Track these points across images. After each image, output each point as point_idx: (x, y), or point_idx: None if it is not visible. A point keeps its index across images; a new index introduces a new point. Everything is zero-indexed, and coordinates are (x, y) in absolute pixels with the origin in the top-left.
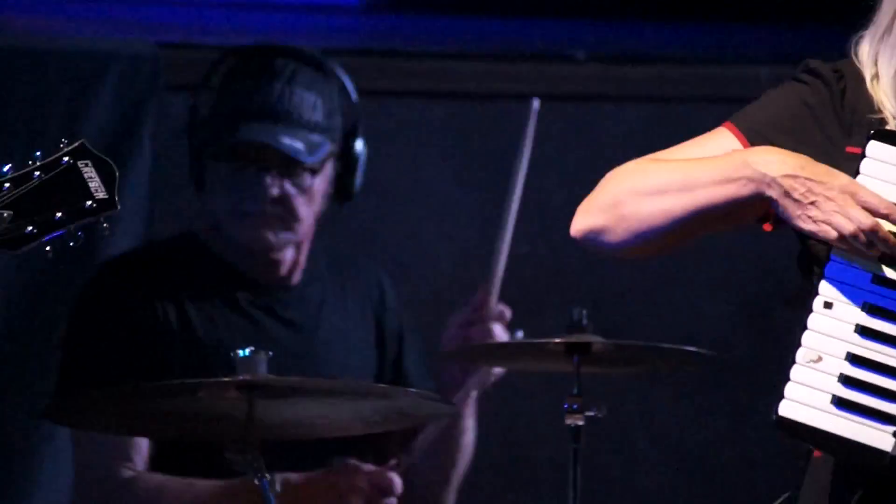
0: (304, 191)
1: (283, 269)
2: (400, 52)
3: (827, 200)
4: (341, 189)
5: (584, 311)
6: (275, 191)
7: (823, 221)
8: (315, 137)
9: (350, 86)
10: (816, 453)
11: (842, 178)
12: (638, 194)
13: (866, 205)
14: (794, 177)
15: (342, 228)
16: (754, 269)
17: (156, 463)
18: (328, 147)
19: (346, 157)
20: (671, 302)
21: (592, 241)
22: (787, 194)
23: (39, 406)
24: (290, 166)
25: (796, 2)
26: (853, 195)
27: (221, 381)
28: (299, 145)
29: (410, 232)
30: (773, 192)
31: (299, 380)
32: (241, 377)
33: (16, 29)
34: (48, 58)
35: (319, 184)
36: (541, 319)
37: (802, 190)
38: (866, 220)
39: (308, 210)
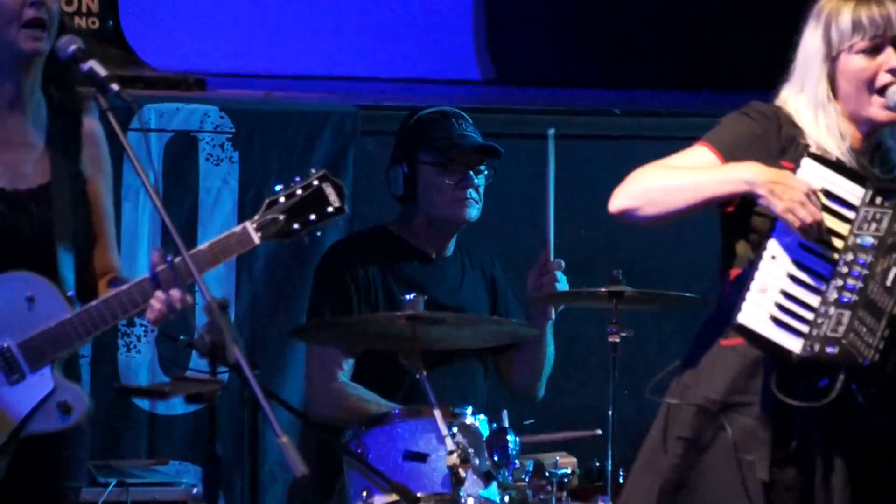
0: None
1: (445, 248)
2: (510, 110)
3: (796, 197)
4: None
5: (620, 270)
6: (475, 181)
7: (792, 211)
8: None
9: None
10: (723, 342)
11: (804, 184)
12: (664, 188)
13: (816, 205)
14: (776, 182)
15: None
16: None
17: (355, 368)
18: None
19: None
20: (678, 264)
21: (628, 215)
22: (772, 192)
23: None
24: (481, 166)
25: (760, 74)
26: (811, 196)
27: (395, 315)
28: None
29: (507, 223)
30: (761, 190)
31: (443, 314)
32: (407, 312)
33: (272, 98)
34: (291, 116)
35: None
36: (591, 275)
37: (781, 190)
38: (819, 215)
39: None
